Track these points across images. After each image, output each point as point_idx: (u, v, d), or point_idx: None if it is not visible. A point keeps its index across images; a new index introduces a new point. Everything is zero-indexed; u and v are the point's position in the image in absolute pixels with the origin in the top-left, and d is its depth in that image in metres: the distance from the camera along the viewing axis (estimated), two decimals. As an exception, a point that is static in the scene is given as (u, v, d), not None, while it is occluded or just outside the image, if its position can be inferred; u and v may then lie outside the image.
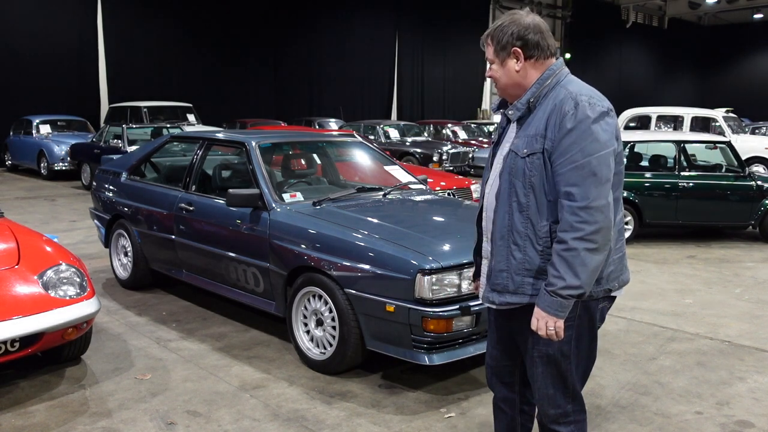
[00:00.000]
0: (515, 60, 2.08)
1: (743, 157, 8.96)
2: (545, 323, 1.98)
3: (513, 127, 2.16)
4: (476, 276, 2.38)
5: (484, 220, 2.23)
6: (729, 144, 7.96)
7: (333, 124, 18.04)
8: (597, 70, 30.35)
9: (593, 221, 1.92)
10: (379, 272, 3.38)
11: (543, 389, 2.16)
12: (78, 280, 3.54)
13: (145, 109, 14.64)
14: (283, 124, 16.47)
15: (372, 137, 14.82)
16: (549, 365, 2.11)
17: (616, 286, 2.12)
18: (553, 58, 2.11)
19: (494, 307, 2.18)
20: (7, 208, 8.09)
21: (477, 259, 2.34)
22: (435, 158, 13.62)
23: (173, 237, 4.77)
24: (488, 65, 2.16)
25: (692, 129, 13.10)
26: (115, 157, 7.32)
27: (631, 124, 13.65)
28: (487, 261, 2.21)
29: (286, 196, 4.18)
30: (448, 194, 6.70)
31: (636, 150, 8.14)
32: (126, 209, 5.27)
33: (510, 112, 2.12)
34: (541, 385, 2.15)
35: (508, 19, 2.09)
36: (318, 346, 3.76)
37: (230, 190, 4.08)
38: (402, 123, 17.25)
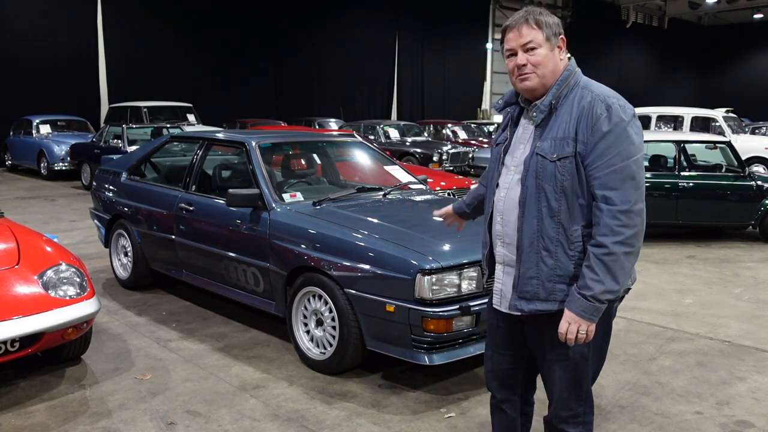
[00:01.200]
0: (559, 50, 2.04)
1: (743, 157, 8.96)
2: (577, 327, 1.95)
3: (528, 128, 2.09)
4: (488, 277, 2.29)
5: (499, 225, 2.13)
6: (729, 144, 7.95)
7: (333, 124, 18.03)
8: (597, 70, 30.22)
9: (633, 225, 1.91)
10: (379, 272, 3.38)
11: (558, 393, 2.14)
12: (78, 280, 3.54)
13: (145, 109, 14.64)
14: (283, 124, 16.47)
15: (372, 137, 14.81)
16: (567, 369, 2.09)
17: (630, 283, 2.11)
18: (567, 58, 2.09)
19: (520, 314, 2.10)
20: (7, 208, 8.09)
21: (490, 265, 2.24)
22: (435, 158, 13.61)
23: (173, 237, 4.77)
24: (522, 51, 2.00)
25: (692, 129, 13.10)
26: (115, 157, 7.33)
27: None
28: (502, 266, 2.15)
29: (286, 196, 4.18)
30: (448, 194, 6.69)
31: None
32: (126, 209, 5.27)
33: (533, 114, 2.05)
34: (557, 389, 2.13)
35: (539, 9, 2.03)
36: (318, 346, 3.76)
37: (230, 190, 4.08)
38: (402, 123, 17.23)
